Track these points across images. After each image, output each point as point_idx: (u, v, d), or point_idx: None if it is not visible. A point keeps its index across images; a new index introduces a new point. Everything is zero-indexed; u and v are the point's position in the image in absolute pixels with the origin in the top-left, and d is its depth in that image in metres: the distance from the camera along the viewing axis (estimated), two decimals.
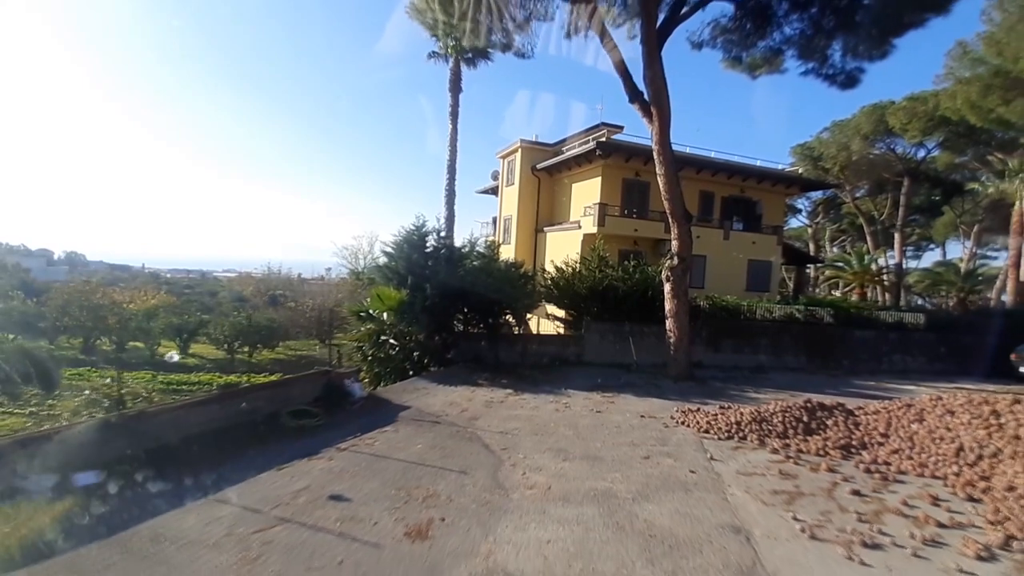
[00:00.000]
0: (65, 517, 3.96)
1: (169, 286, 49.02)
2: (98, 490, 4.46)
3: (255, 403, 6.60)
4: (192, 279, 68.49)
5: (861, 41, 9.54)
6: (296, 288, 43.63)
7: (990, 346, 13.91)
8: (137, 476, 4.62)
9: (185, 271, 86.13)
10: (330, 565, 3.56)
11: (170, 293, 35.69)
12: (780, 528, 4.39)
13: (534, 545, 3.93)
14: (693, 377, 11.59)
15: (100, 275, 56.04)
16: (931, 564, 3.86)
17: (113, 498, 4.36)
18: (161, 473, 4.80)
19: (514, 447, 6.38)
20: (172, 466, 5.01)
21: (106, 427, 4.94)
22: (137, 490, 4.53)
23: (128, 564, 3.51)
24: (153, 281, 55.13)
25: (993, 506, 4.83)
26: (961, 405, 6.89)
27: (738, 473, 5.75)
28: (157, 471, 4.81)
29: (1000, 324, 14.48)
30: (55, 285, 30.17)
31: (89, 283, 27.07)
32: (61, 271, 49.32)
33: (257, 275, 51.57)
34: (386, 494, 4.78)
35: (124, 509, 4.24)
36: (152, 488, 4.55)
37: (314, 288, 44.05)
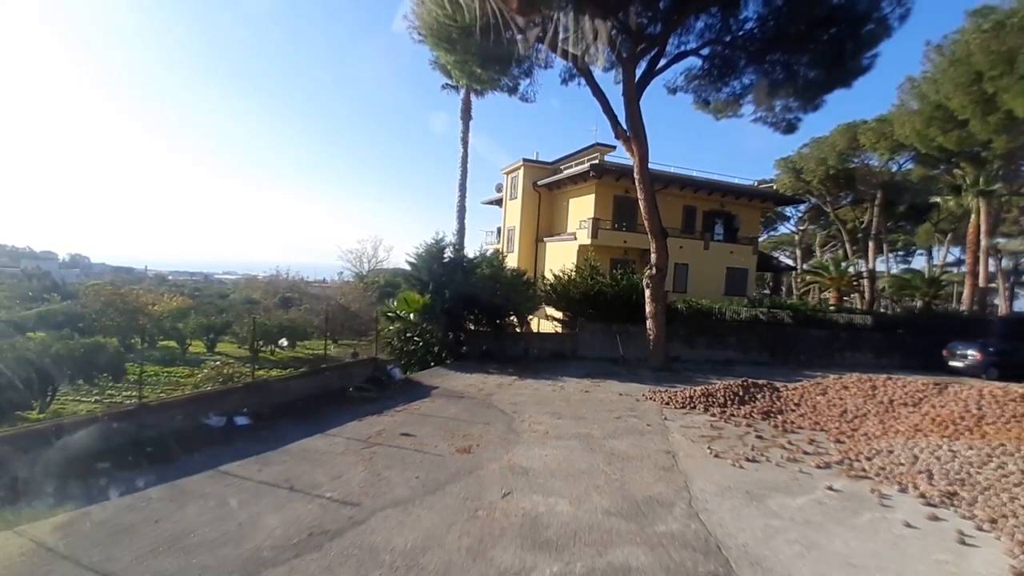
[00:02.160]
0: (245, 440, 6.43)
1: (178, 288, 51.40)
2: (249, 429, 6.93)
3: (329, 380, 9.08)
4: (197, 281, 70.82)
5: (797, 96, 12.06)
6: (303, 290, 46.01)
7: (928, 343, 16.43)
8: (275, 419, 7.09)
9: (188, 273, 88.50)
10: (416, 462, 6.03)
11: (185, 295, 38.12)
12: (697, 452, 6.88)
13: (537, 457, 6.40)
14: (670, 368, 14.05)
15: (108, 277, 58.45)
16: (785, 469, 6.34)
17: (267, 430, 6.84)
18: (287, 418, 7.29)
19: (521, 411, 8.85)
20: (291, 415, 7.49)
21: (248, 388, 7.42)
22: (279, 427, 7.00)
23: (293, 460, 5.97)
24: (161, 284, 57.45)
25: (848, 444, 7.32)
26: (853, 382, 9.41)
27: (681, 426, 8.23)
28: (284, 417, 7.29)
29: (937, 325, 16.99)
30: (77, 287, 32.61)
31: (120, 287, 29.49)
32: (73, 274, 51.70)
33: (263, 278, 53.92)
34: (438, 433, 7.26)
35: (274, 435, 6.72)
36: (287, 426, 7.03)
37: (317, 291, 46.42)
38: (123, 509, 4.51)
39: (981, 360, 14.95)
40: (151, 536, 4.05)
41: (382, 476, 5.56)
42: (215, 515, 4.46)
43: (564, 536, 4.31)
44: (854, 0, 10.37)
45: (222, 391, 7.37)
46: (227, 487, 5.09)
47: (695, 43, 13.05)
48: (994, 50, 14.13)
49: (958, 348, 15.54)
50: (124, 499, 4.70)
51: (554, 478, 5.70)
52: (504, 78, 12.95)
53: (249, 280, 63.02)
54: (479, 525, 4.45)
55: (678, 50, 13.30)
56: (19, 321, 23.15)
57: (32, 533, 3.99)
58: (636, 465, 6.27)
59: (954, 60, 15.59)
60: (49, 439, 5.17)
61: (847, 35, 10.82)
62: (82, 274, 55.89)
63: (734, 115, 13.65)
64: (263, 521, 4.36)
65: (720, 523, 4.69)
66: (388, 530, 4.29)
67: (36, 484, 4.76)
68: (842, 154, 27.68)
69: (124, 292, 26.49)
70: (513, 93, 13.76)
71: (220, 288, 59.73)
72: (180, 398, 6.94)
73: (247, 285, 59.59)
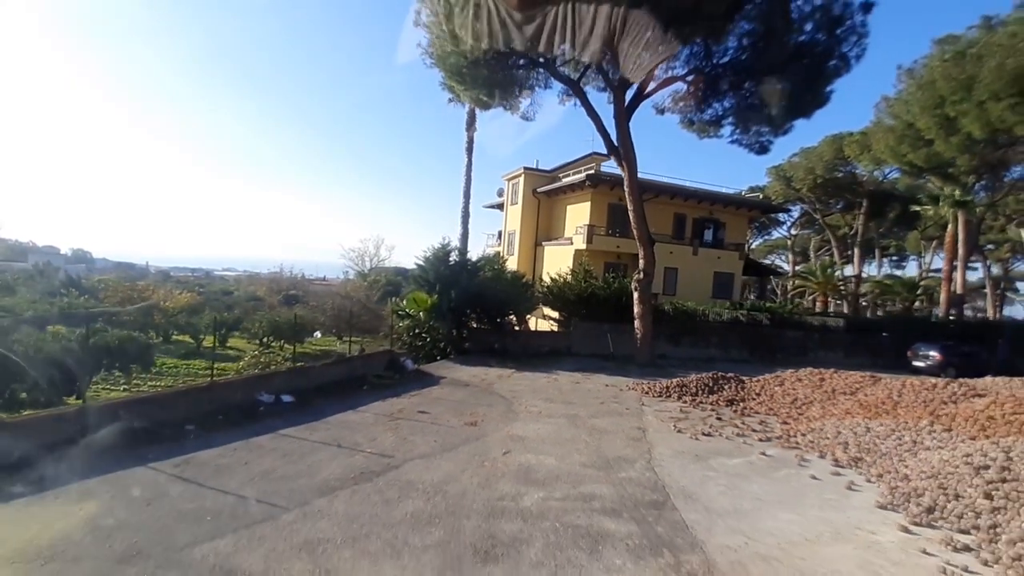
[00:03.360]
0: (291, 413, 7.96)
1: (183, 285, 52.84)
2: (293, 405, 8.45)
3: (354, 368, 10.62)
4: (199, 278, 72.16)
5: (766, 122, 13.58)
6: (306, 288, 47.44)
7: (896, 344, 17.98)
8: (312, 398, 8.61)
9: (189, 270, 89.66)
10: (434, 431, 7.55)
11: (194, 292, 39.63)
12: (663, 429, 8.41)
13: (531, 429, 7.93)
14: (655, 364, 15.57)
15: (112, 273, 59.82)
16: (732, 442, 7.86)
17: (308, 406, 8.37)
18: (322, 397, 8.82)
19: (519, 397, 10.37)
20: (325, 395, 9.03)
21: (289, 373, 8.95)
22: (317, 404, 8.53)
23: (335, 428, 7.49)
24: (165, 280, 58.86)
25: (791, 424, 8.84)
26: (806, 375, 10.95)
27: (655, 410, 9.76)
28: (320, 396, 8.82)
29: (905, 327, 18.53)
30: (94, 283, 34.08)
31: (137, 284, 31.00)
32: (80, 269, 53.05)
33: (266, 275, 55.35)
34: (449, 412, 8.79)
35: (316, 410, 8.25)
36: (323, 403, 8.56)
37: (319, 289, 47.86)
38: (216, 456, 6.03)
39: (941, 361, 16.48)
40: (245, 472, 5.57)
41: (407, 440, 7.08)
42: (287, 461, 5.98)
43: (549, 478, 5.83)
44: (816, 40, 11.89)
45: (269, 374, 8.92)
46: (289, 444, 6.61)
47: (681, 70, 14.58)
48: (955, 77, 15.64)
49: (921, 349, 17.08)
50: (215, 450, 6.22)
51: (544, 443, 7.23)
52: (508, 100, 14.45)
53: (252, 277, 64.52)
54: (485, 470, 5.98)
55: (665, 75, 14.83)
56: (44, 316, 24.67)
57: (160, 468, 5.51)
58: (611, 436, 7.80)
59: (921, 84, 17.10)
60: (150, 405, 6.69)
61: (810, 69, 12.34)
62: (87, 270, 57.30)
63: (715, 135, 15.17)
64: (323, 465, 5.89)
65: (669, 474, 6.22)
66: (418, 472, 5.81)
67: (147, 437, 6.28)
68: (829, 164, 29.23)
69: (141, 288, 27.99)
70: (515, 112, 15.25)
71: (223, 285, 61.11)
72: (238, 378, 8.47)
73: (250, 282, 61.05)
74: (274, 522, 4.38)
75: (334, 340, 34.77)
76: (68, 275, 35.22)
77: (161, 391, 7.78)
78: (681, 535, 4.57)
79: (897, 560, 4.31)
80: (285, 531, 4.23)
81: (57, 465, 5.19)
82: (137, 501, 4.70)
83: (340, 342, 32.30)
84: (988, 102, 14.85)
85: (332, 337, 35.09)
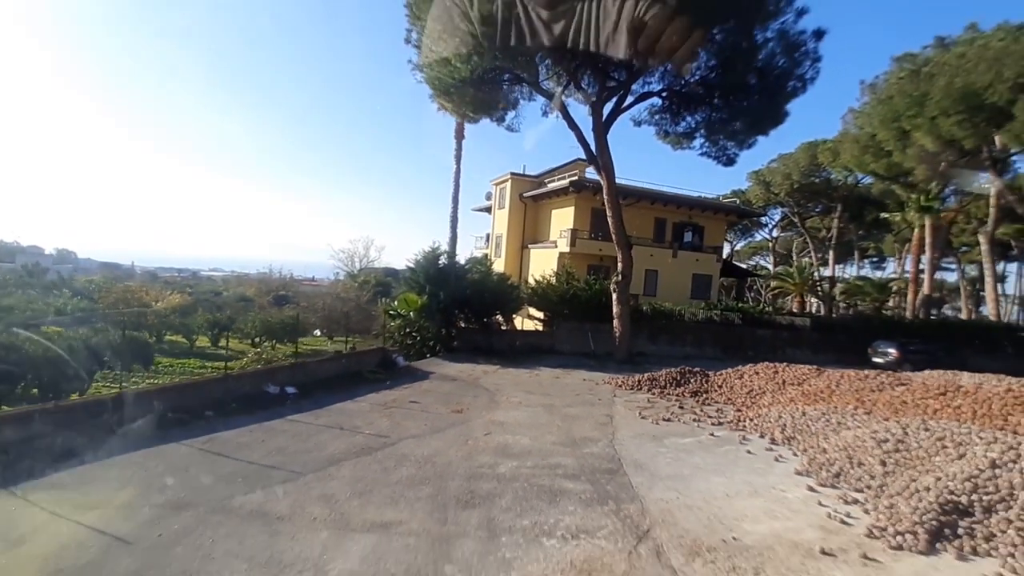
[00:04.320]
0: (295, 402, 8.97)
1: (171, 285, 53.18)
2: (297, 396, 9.45)
3: (349, 364, 11.62)
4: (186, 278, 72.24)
5: (730, 136, 14.83)
6: (296, 289, 48.06)
7: (859, 342, 19.33)
8: (313, 390, 9.62)
9: (176, 270, 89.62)
10: (424, 417, 8.61)
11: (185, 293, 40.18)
12: (629, 416, 9.54)
13: (510, 416, 9.01)
14: (632, 361, 16.73)
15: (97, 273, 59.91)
16: (688, 426, 9.01)
17: (310, 397, 9.38)
18: (322, 389, 9.83)
19: (502, 390, 11.45)
20: (325, 388, 10.04)
21: (293, 367, 9.95)
22: (317, 395, 9.54)
23: (336, 415, 8.51)
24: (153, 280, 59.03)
25: (743, 411, 10.01)
26: (762, 369, 12.17)
27: (625, 401, 10.89)
28: (320, 389, 9.83)
29: (868, 326, 19.91)
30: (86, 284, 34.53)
31: (131, 285, 31.58)
32: (67, 269, 53.16)
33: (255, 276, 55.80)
34: (438, 402, 9.84)
35: (317, 400, 9.26)
36: (323, 395, 9.57)
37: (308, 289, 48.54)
38: (236, 435, 7.03)
39: (898, 357, 17.85)
40: (263, 448, 6.59)
41: (401, 424, 8.13)
42: (297, 440, 7.00)
43: (523, 453, 6.92)
44: (775, 64, 13.12)
45: (275, 368, 9.91)
46: (297, 427, 7.63)
47: (656, 86, 15.77)
48: (910, 93, 17.01)
49: (880, 347, 18.45)
50: (233, 431, 7.22)
51: (521, 427, 8.31)
52: (494, 115, 15.52)
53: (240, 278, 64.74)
54: (468, 447, 7.05)
55: (642, 90, 16.00)
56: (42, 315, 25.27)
57: (191, 445, 6.51)
58: (581, 422, 8.91)
59: (881, 99, 18.48)
60: (174, 394, 7.67)
61: (771, 89, 13.59)
62: (73, 270, 57.33)
63: (688, 147, 16.39)
64: (329, 444, 6.92)
65: (626, 450, 7.34)
66: (411, 448, 6.87)
67: (173, 421, 7.27)
68: (805, 170, 30.73)
69: (135, 290, 28.63)
70: (500, 123, 16.32)
71: (212, 285, 61.44)
72: (248, 371, 9.45)
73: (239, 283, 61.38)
74: (294, 482, 5.42)
75: (324, 340, 35.63)
76: (60, 275, 35.64)
77: (182, 381, 8.76)
78: (626, 492, 5.69)
79: (796, 509, 5.46)
80: (304, 488, 5.27)
81: (106, 441, 6.17)
82: (177, 468, 5.70)
83: (331, 342, 33.18)
84: (939, 117, 16.22)
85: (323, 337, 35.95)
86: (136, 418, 6.97)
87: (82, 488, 5.11)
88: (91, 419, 6.55)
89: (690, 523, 4.95)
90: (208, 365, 21.37)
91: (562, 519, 4.84)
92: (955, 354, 18.57)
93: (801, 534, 4.82)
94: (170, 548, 3.99)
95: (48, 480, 5.20)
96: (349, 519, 4.60)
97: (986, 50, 15.30)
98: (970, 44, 16.40)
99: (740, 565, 4.18)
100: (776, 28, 13.24)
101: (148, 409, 7.32)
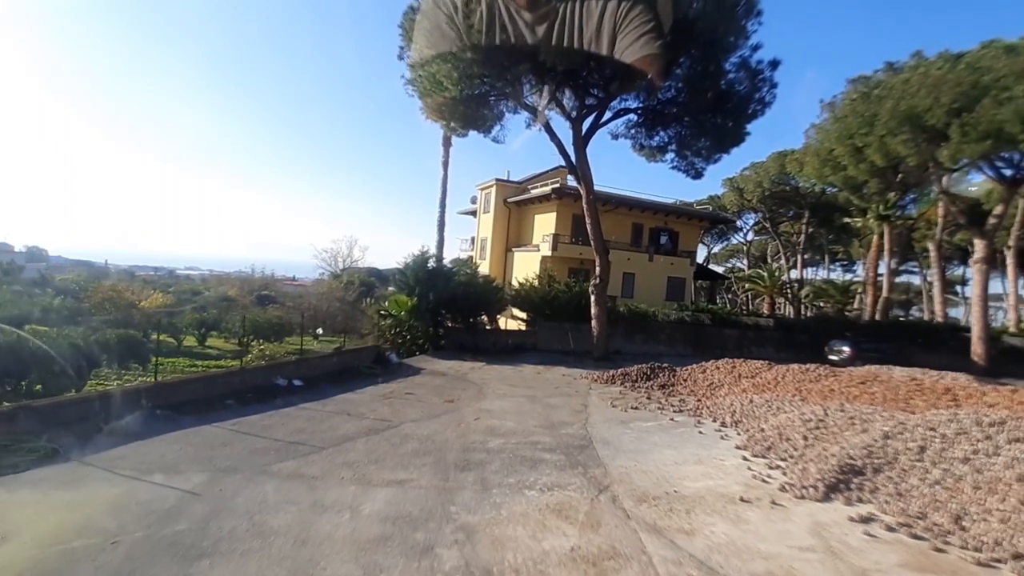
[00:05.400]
0: (303, 393, 10.06)
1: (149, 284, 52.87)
2: (303, 388, 10.54)
3: (348, 360, 12.72)
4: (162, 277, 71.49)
5: (696, 154, 16.37)
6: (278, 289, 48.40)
7: (818, 341, 21.09)
8: (317, 383, 10.72)
9: (152, 268, 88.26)
10: (420, 405, 9.79)
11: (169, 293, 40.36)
12: (602, 405, 10.87)
13: (496, 405, 10.26)
14: (609, 358, 18.11)
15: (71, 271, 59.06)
16: (652, 412, 10.38)
17: (315, 389, 10.48)
18: (326, 382, 10.93)
19: (488, 383, 12.68)
20: (328, 381, 11.14)
21: (298, 362, 11.01)
22: (322, 387, 10.64)
23: (342, 403, 9.63)
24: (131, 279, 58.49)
25: (703, 401, 11.43)
26: (722, 364, 13.67)
27: (599, 393, 12.22)
28: (323, 382, 10.93)
29: (827, 327, 21.70)
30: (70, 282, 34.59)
31: (116, 285, 31.86)
32: (41, 267, 52.50)
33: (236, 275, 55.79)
34: (431, 393, 11.03)
35: (322, 391, 10.36)
36: (327, 387, 10.67)
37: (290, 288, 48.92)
38: (259, 419, 8.12)
39: (851, 355, 19.63)
40: (284, 429, 7.70)
41: (400, 411, 9.30)
42: (312, 422, 8.13)
43: (508, 433, 8.17)
44: (737, 91, 14.66)
45: (282, 363, 10.97)
46: (310, 413, 8.75)
47: (633, 104, 17.19)
48: (861, 113, 18.75)
49: (835, 345, 20.22)
50: (255, 416, 8.30)
51: (506, 414, 9.56)
52: (482, 128, 16.75)
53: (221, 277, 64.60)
54: (461, 429, 8.27)
55: (620, 106, 17.41)
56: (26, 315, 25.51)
57: (222, 426, 7.59)
58: (559, 409, 10.21)
59: (837, 117, 20.21)
60: (197, 384, 8.72)
61: (734, 109, 15.13)
62: (46, 268, 56.56)
63: (661, 160, 17.87)
64: (341, 425, 8.06)
65: (596, 431, 8.65)
66: (411, 429, 8.06)
67: (199, 407, 8.32)
68: (775, 178, 32.69)
69: (120, 289, 28.98)
70: (487, 135, 17.55)
71: (191, 285, 61.14)
72: (259, 366, 10.50)
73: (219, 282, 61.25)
74: (318, 454, 6.57)
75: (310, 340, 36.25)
76: (40, 274, 35.52)
77: (203, 373, 9.78)
78: (593, 461, 6.98)
79: (728, 472, 6.82)
80: (328, 457, 6.43)
81: (150, 422, 7.22)
82: (216, 444, 6.80)
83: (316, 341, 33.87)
84: (887, 136, 17.96)
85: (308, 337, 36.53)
86: (170, 404, 8.01)
87: (143, 458, 6.16)
88: (132, 405, 7.57)
89: (642, 482, 6.27)
90: (198, 363, 22.11)
91: (540, 478, 6.11)
92: (903, 351, 20.44)
93: (728, 488, 6.18)
94: (232, 498, 5.12)
95: (112, 453, 6.24)
96: (370, 478, 5.79)
97: (926, 77, 17.08)
98: (914, 70, 18.19)
99: (676, 508, 5.50)
100: (737, 58, 14.80)
101: (178, 397, 8.36)
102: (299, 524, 4.58)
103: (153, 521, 4.53)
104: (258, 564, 3.90)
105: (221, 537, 4.29)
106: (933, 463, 6.32)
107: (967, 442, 6.53)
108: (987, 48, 17.18)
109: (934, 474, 6.11)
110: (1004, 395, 9.51)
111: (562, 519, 4.99)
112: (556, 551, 4.33)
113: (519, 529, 4.71)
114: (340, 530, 4.49)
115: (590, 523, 4.94)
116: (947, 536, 5.02)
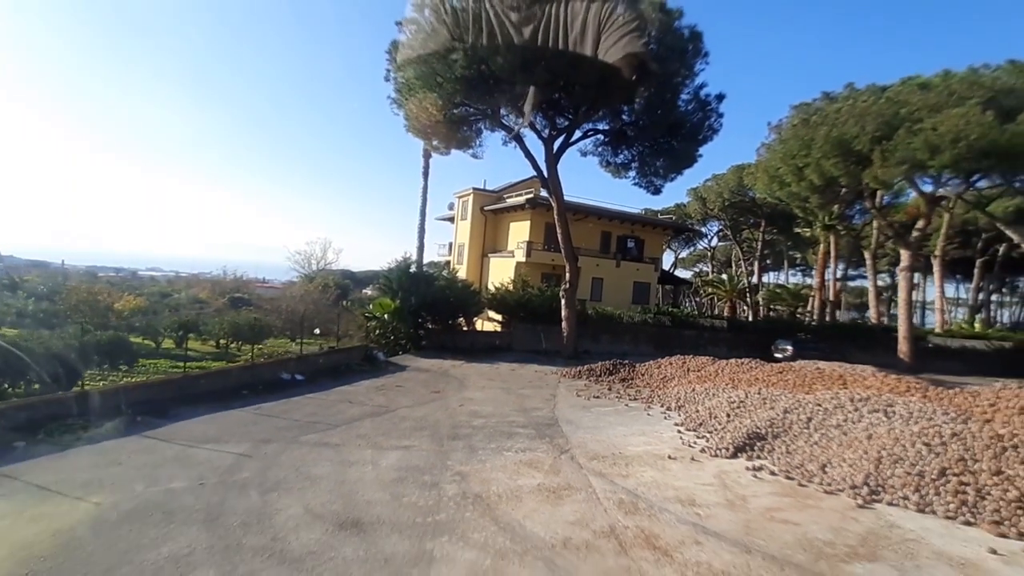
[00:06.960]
0: (305, 386, 11.54)
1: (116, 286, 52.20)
2: (305, 382, 11.99)
3: (339, 358, 14.19)
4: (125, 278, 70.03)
5: (658, 171, 18.54)
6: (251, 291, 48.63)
7: (767, 340, 23.55)
8: (316, 378, 12.20)
9: (113, 269, 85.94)
10: (410, 395, 11.41)
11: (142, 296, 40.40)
12: (569, 395, 12.70)
13: (478, 395, 11.96)
14: (578, 357, 20.01)
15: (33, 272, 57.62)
16: (611, 400, 12.27)
17: (315, 382, 11.95)
18: (324, 377, 12.42)
19: (468, 378, 14.35)
20: (325, 376, 12.62)
21: (297, 359, 12.45)
22: (321, 381, 12.12)
23: (339, 394, 11.16)
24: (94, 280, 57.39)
25: (655, 392, 13.38)
26: (675, 360, 15.73)
27: (566, 386, 14.05)
28: (321, 377, 12.41)
29: (775, 328, 24.21)
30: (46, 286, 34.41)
31: (92, 287, 32.08)
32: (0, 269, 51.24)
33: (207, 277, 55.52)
34: (419, 386, 12.65)
35: (322, 384, 11.85)
36: (325, 381, 12.16)
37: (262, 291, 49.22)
38: (275, 406, 9.60)
39: (792, 353, 22.12)
40: (299, 412, 9.22)
41: (394, 400, 10.90)
42: (321, 408, 9.66)
43: (488, 415, 9.89)
44: (688, 118, 16.84)
45: (285, 360, 12.39)
46: (317, 401, 10.26)
47: (601, 125, 19.21)
48: (801, 137, 21.30)
49: (780, 344, 22.72)
50: (271, 403, 9.77)
51: (486, 401, 11.27)
52: (462, 146, 18.46)
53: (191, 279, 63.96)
54: (449, 412, 9.94)
55: (589, 127, 19.40)
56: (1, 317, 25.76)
57: (245, 411, 9.05)
58: (531, 398, 11.98)
59: (781, 139, 22.77)
60: (215, 377, 10.12)
61: (688, 134, 17.32)
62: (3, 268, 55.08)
63: (625, 176, 19.96)
64: (346, 410, 9.62)
65: (562, 413, 10.45)
66: (407, 412, 9.68)
67: (220, 396, 9.73)
68: (734, 189, 35.45)
69: (97, 291, 29.35)
70: (467, 150, 19.26)
71: (159, 287, 60.45)
72: (266, 362, 11.90)
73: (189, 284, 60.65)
74: (334, 430, 8.14)
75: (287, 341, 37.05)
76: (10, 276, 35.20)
77: (219, 368, 11.14)
78: (558, 434, 8.77)
79: (664, 441, 8.71)
80: (343, 432, 8.01)
81: (180, 407, 8.63)
82: (246, 423, 8.28)
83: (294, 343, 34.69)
84: (822, 159, 20.52)
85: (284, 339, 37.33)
86: (196, 393, 9.41)
87: (190, 433, 7.61)
88: (166, 393, 8.96)
89: (595, 447, 8.09)
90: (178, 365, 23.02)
91: (515, 444, 7.86)
92: (840, 350, 23.07)
93: (661, 451, 8.06)
94: (276, 457, 6.67)
95: (160, 431, 7.67)
96: (381, 444, 7.42)
97: (855, 107, 19.70)
98: (845, 100, 20.85)
99: (618, 462, 7.33)
100: (688, 92, 16.99)
101: (200, 388, 9.75)
102: (335, 472, 6.19)
103: (222, 472, 6.06)
104: (313, 494, 5.52)
105: (279, 480, 5.87)
106: (815, 429, 8.35)
107: (841, 413, 8.60)
108: (905, 84, 19.96)
109: (815, 437, 8.14)
110: (879, 379, 11.81)
111: (532, 468, 6.75)
112: (527, 486, 6.09)
113: (500, 474, 6.44)
114: (367, 475, 6.13)
115: (553, 471, 6.72)
116: (812, 477, 6.99)
